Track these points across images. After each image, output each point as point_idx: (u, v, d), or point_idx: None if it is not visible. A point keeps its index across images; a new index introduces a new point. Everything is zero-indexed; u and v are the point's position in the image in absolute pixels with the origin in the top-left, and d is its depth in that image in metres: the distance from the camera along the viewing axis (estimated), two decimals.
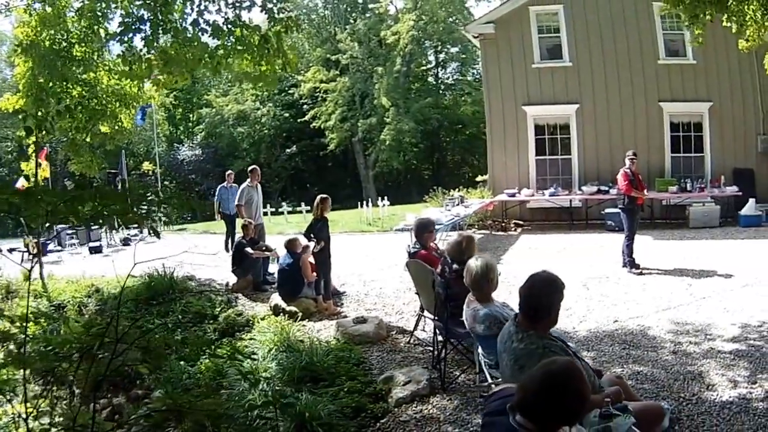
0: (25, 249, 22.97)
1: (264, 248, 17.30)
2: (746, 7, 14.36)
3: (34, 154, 17.57)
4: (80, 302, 15.58)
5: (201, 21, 11.06)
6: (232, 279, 16.75)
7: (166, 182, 50.34)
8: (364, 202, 33.60)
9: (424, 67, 63.05)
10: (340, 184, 54.80)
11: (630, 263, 16.31)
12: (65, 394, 7.41)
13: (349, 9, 56.29)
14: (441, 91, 62.20)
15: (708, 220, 24.41)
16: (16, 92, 17.49)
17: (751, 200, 24.55)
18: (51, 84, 16.40)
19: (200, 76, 51.52)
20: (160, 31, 10.95)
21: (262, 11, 11.42)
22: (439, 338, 9.95)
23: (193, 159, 57.39)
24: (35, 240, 18.79)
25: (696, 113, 27.13)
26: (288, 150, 57.81)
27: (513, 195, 25.67)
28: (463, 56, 60.84)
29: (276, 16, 11.21)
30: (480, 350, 8.20)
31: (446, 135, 61.64)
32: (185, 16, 11.30)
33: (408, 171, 60.91)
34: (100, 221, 5.61)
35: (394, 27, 52.50)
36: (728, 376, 8.97)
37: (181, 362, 9.28)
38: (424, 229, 12.09)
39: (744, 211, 24.37)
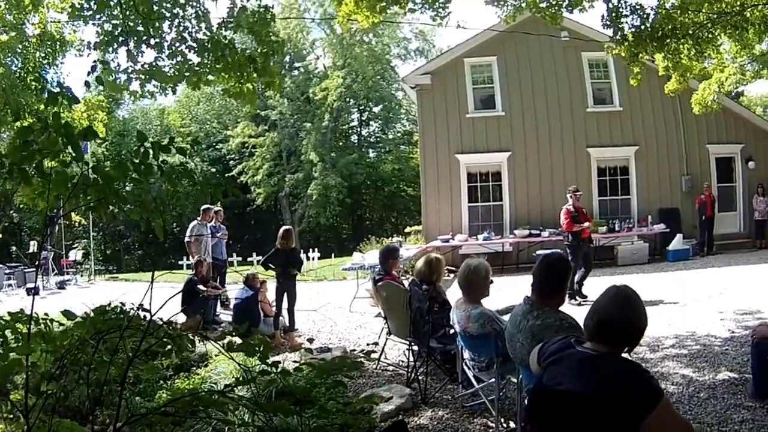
0: None
1: (213, 286, 16.96)
2: (682, 46, 14.98)
3: None
4: None
5: (187, 36, 11.11)
6: (182, 318, 16.24)
7: (94, 233, 49.63)
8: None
9: (349, 125, 63.26)
10: (266, 240, 52.55)
11: (576, 292, 16.44)
12: None
13: (278, 66, 55.95)
14: (364, 149, 62.48)
15: (637, 258, 25.05)
16: None
17: (678, 236, 25.36)
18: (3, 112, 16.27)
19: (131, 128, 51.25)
20: (143, 46, 10.97)
21: (248, 33, 11.53)
22: (412, 357, 10.08)
23: (123, 214, 54.60)
24: None
25: (622, 157, 28.01)
26: (216, 207, 55.23)
27: (447, 241, 25.67)
28: (387, 114, 61.50)
29: (263, 38, 11.32)
30: (466, 355, 8.35)
31: (368, 192, 62.01)
32: (170, 31, 11.34)
33: (329, 228, 60.94)
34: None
35: (323, 83, 52.67)
36: (688, 373, 9.98)
37: (137, 398, 9.21)
38: (389, 255, 12.10)
39: (672, 246, 25.18)
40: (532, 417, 4.62)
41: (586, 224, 17.38)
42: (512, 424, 8.09)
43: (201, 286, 15.95)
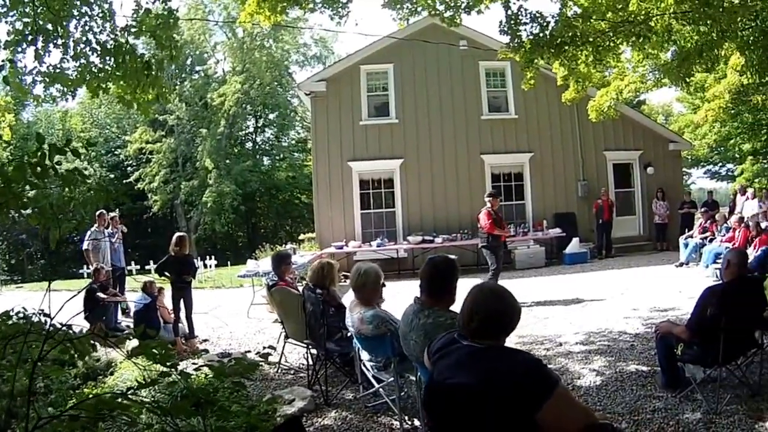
0: None
1: (113, 293, 16.64)
2: (580, 53, 15.19)
3: None
4: None
5: (91, 38, 10.97)
6: (86, 325, 15.80)
7: None
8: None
9: (245, 131, 62.69)
10: (163, 247, 51.26)
11: None
12: None
13: (177, 70, 55.95)
14: (258, 156, 61.93)
15: (533, 261, 25.53)
16: None
17: (575, 239, 26.02)
18: None
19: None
20: (51, 46, 10.81)
21: (149, 37, 11.42)
22: (311, 359, 10.23)
23: (22, 219, 53.49)
24: None
25: (517, 164, 28.55)
26: (112, 213, 54.39)
27: (340, 248, 25.71)
28: (282, 122, 61.23)
29: (164, 42, 11.21)
30: (364, 356, 8.49)
31: (262, 200, 61.48)
32: (75, 30, 11.16)
33: (225, 236, 60.35)
34: None
35: (220, 89, 52.20)
36: (591, 367, 10.51)
37: (49, 408, 9.03)
38: (281, 261, 12.26)
39: (568, 250, 25.84)
40: (429, 412, 4.74)
41: (508, 227, 17.76)
42: (416, 422, 8.23)
43: (101, 294, 15.67)
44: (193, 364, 10.17)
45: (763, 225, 19.77)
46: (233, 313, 18.56)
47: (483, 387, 4.04)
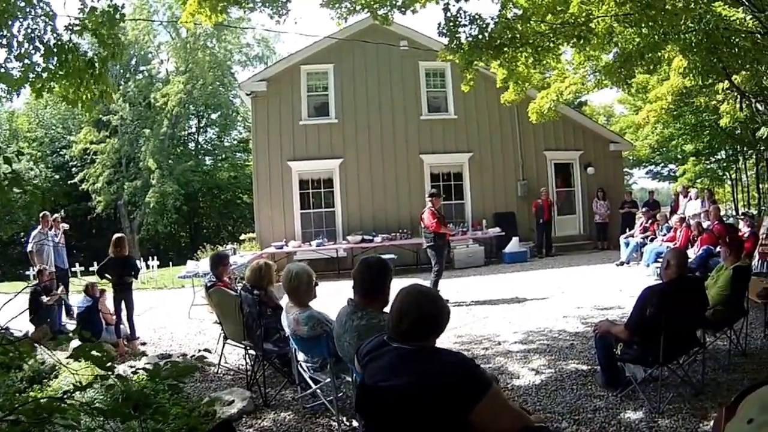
0: None
1: (56, 295, 16.30)
2: (520, 54, 15.19)
3: None
4: None
5: (35, 36, 10.70)
6: (31, 328, 15.38)
7: None
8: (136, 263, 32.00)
9: (187, 132, 62.15)
10: (107, 249, 50.69)
11: None
12: None
13: (122, 70, 55.50)
14: (201, 156, 61.36)
15: (473, 260, 25.58)
16: None
17: (514, 239, 26.15)
18: None
19: None
20: None
21: (92, 36, 11.12)
22: (251, 360, 10.20)
23: None
24: None
25: (456, 164, 28.67)
26: (56, 214, 53.75)
27: (281, 247, 25.48)
28: (224, 122, 60.93)
29: (106, 40, 10.93)
30: (301, 357, 8.46)
31: (204, 200, 61.14)
32: (19, 31, 10.90)
33: (168, 236, 60.04)
34: None
35: (164, 89, 51.67)
36: (531, 367, 10.49)
37: None
38: (219, 262, 12.16)
39: (508, 249, 26.00)
40: (362, 415, 4.87)
41: (451, 226, 17.69)
42: (354, 423, 8.17)
43: (44, 297, 15.52)
44: (132, 366, 9.91)
45: (705, 225, 19.80)
46: (174, 314, 18.45)
47: (415, 389, 4.01)
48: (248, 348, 10.32)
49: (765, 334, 11.63)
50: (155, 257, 33.02)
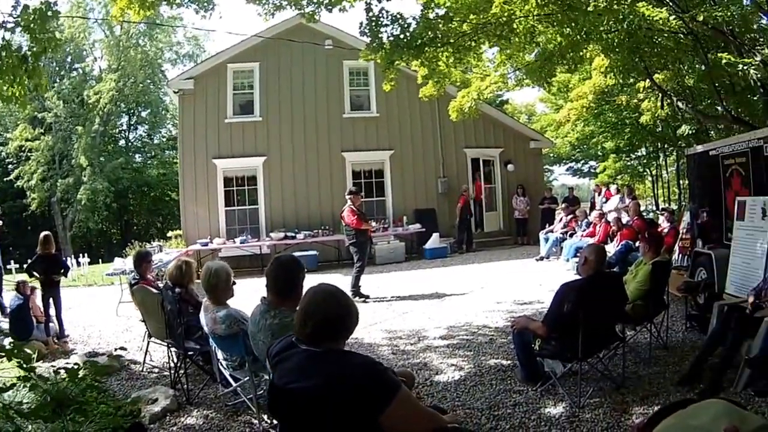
0: None
1: None
2: (441, 54, 15.20)
3: None
4: None
5: None
6: None
7: None
8: (66, 260, 31.51)
9: (118, 129, 61.42)
10: None
11: (356, 293, 16.40)
12: None
13: (58, 68, 54.94)
14: (131, 153, 60.73)
15: (394, 256, 25.44)
16: None
17: (435, 235, 26.09)
18: None
19: None
20: None
21: (24, 32, 10.77)
22: (174, 358, 9.89)
23: None
24: None
25: (378, 161, 28.66)
26: None
27: (206, 245, 25.28)
28: (154, 119, 60.56)
29: (38, 35, 10.56)
30: (220, 355, 8.29)
31: (134, 197, 60.66)
32: None
33: (99, 234, 59.28)
34: None
35: (96, 86, 51.03)
36: (452, 362, 10.37)
37: None
38: (142, 260, 12.03)
39: (428, 245, 25.90)
40: (274, 415, 4.96)
41: (372, 222, 17.58)
42: (275, 420, 7.66)
43: None
44: (55, 365, 9.63)
45: (624, 220, 20.11)
46: (103, 311, 18.10)
47: (323, 391, 3.93)
48: (171, 346, 10.05)
49: (686, 326, 11.68)
50: (87, 254, 32.80)
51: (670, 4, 15.82)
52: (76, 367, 9.96)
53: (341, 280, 17.51)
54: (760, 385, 7.86)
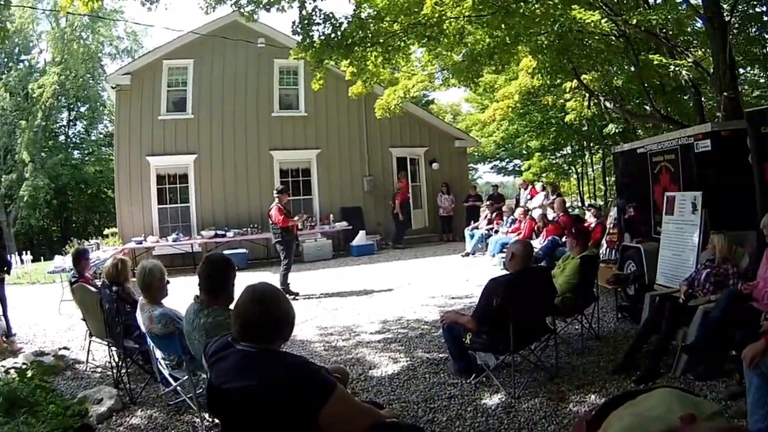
0: None
1: None
2: (369, 53, 15.42)
3: None
4: None
5: None
6: None
7: None
8: (10, 257, 31.01)
9: (59, 124, 59.74)
10: None
11: (285, 291, 16.11)
12: None
13: (6, 59, 53.61)
14: (69, 149, 59.33)
15: (321, 254, 25.42)
16: None
17: (362, 232, 26.24)
18: None
19: None
20: None
21: None
22: (115, 357, 9.86)
23: None
24: None
25: (305, 160, 28.72)
26: None
27: (140, 242, 24.98)
28: (92, 115, 59.28)
29: None
30: (158, 354, 8.28)
31: (73, 194, 59.14)
32: None
33: (41, 231, 58.30)
34: None
35: (40, 80, 50.09)
36: (386, 356, 10.51)
37: None
38: (80, 257, 11.95)
39: (355, 242, 26.01)
40: (214, 414, 5.02)
41: (297, 218, 17.81)
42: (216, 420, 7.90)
43: None
44: (5, 365, 10.14)
45: (550, 216, 20.33)
46: (47, 309, 17.91)
47: (258, 392, 3.93)
48: (111, 345, 10.00)
49: (618, 317, 11.99)
50: (29, 252, 32.19)
51: (604, 8, 16.00)
52: (24, 366, 10.00)
53: (271, 278, 17.43)
54: (699, 371, 8.12)
